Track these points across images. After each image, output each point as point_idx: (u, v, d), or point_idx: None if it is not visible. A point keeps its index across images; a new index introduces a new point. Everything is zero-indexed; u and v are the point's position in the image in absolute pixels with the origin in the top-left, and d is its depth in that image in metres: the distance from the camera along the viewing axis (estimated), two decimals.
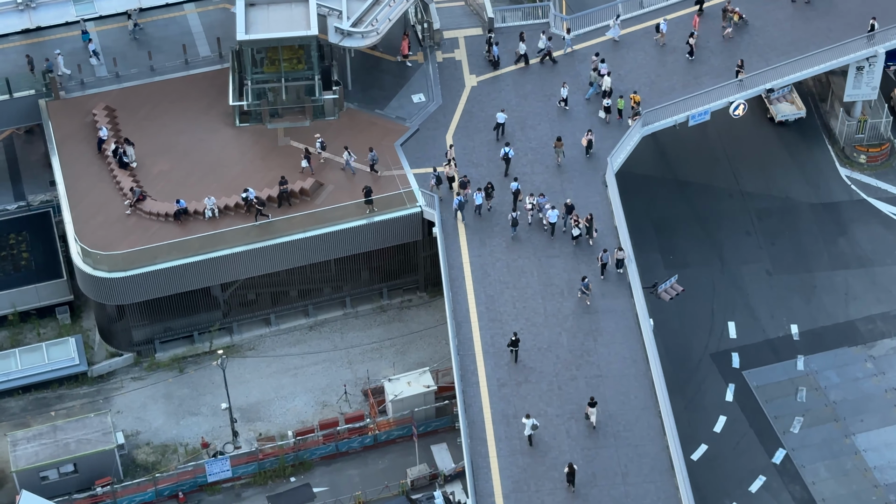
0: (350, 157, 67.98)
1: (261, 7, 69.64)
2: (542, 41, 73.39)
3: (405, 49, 73.31)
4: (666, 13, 75.84)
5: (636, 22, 76.02)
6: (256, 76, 69.83)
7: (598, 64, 71.73)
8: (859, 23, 73.68)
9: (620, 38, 74.45)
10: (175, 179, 68.18)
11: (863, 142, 75.37)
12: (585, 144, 67.11)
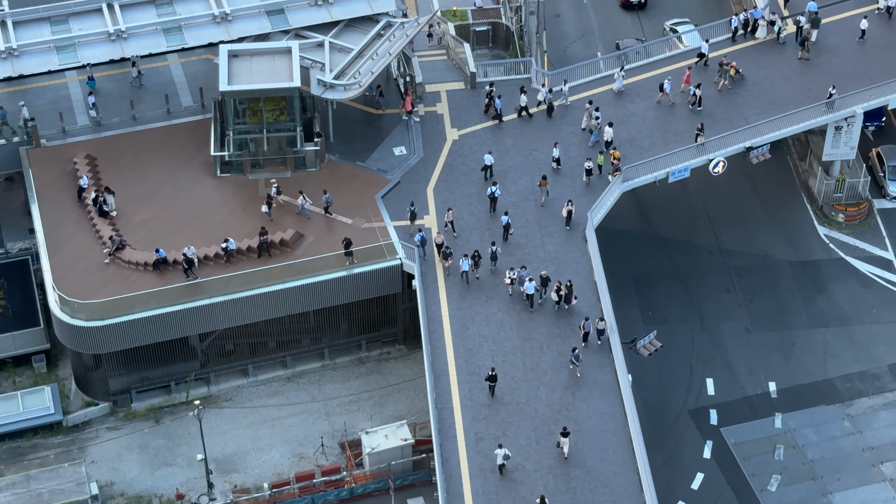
0: (305, 202, 68.10)
1: (244, 58, 69.89)
2: (541, 93, 73.76)
3: (408, 105, 73.56)
4: (662, 66, 76.39)
5: (642, 71, 76.44)
6: (238, 127, 69.95)
7: (591, 112, 72.22)
8: (840, 83, 74.34)
9: (624, 89, 74.79)
10: (155, 229, 68.06)
11: (841, 201, 75.79)
12: (565, 215, 67.12)
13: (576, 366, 60.97)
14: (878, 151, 76.87)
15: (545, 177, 68.91)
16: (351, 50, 71.27)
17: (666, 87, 73.53)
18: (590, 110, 72.50)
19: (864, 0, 79.78)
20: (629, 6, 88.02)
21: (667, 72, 75.83)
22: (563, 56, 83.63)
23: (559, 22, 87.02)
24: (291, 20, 72.46)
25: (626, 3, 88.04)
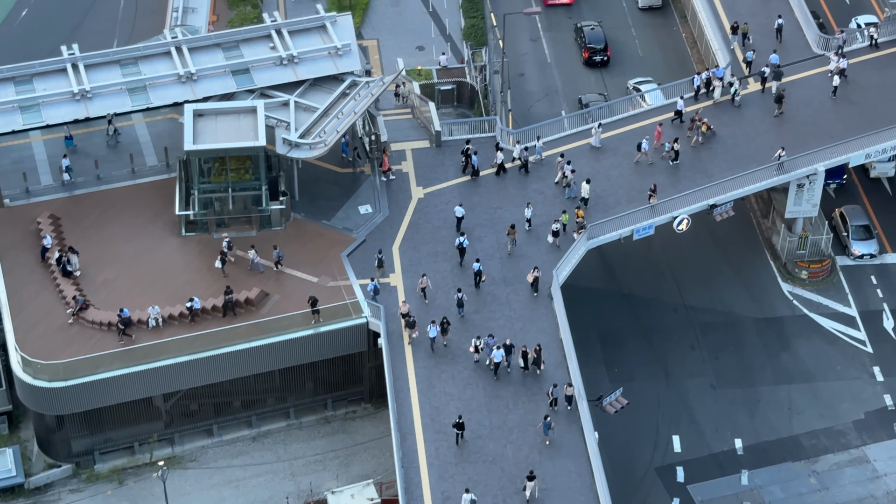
0: (255, 256, 68.01)
1: (209, 117, 69.94)
2: (516, 150, 74.11)
3: (386, 164, 73.70)
4: (630, 122, 76.90)
5: (615, 127, 76.90)
6: (203, 186, 69.88)
7: (563, 165, 72.65)
8: (803, 142, 75.05)
9: (601, 145, 75.24)
10: (119, 288, 67.72)
11: (804, 258, 76.25)
12: (531, 282, 67.22)
13: (546, 435, 60.69)
14: (841, 212, 77.43)
15: (513, 226, 69.27)
16: (316, 109, 71.47)
17: (644, 146, 73.99)
18: (561, 163, 72.97)
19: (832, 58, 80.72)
20: (592, 63, 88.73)
21: (638, 128, 76.26)
22: (528, 114, 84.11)
23: (523, 81, 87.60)
24: (257, 80, 72.64)
25: (589, 61, 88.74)
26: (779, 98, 77.06)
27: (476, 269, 67.41)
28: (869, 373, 71.14)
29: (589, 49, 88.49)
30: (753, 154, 74.50)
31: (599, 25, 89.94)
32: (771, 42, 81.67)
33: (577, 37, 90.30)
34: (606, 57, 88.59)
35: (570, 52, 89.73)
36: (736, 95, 77.22)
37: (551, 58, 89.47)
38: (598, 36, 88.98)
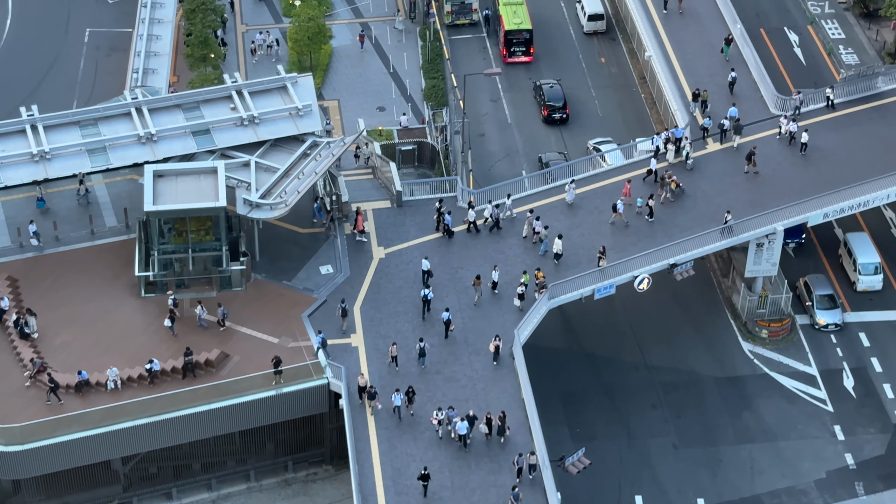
0: (201, 312, 67.74)
1: (169, 178, 69.75)
2: (488, 209, 74.26)
3: (360, 225, 73.64)
4: (596, 181, 77.34)
5: (587, 183, 77.36)
6: (163, 247, 69.58)
7: (532, 221, 72.93)
8: (762, 201, 75.57)
9: (575, 201, 75.56)
10: (78, 350, 67.14)
11: (764, 317, 76.52)
12: (493, 350, 67.02)
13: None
14: (805, 281, 77.50)
15: (478, 276, 69.57)
16: (277, 169, 71.44)
17: (619, 207, 74.30)
18: (530, 219, 73.20)
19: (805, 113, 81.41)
20: (551, 121, 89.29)
21: (608, 184, 76.67)
22: (489, 174, 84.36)
23: (484, 141, 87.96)
24: (217, 140, 72.58)
25: (549, 118, 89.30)
26: (749, 156, 77.70)
27: (445, 319, 67.47)
28: (830, 432, 71.28)
29: (548, 107, 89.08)
30: (713, 213, 74.85)
31: (558, 83, 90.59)
32: (729, 101, 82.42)
33: (536, 95, 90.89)
34: (565, 114, 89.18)
35: (530, 112, 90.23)
36: (688, 158, 77.62)
37: (511, 118, 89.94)
38: (556, 94, 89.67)
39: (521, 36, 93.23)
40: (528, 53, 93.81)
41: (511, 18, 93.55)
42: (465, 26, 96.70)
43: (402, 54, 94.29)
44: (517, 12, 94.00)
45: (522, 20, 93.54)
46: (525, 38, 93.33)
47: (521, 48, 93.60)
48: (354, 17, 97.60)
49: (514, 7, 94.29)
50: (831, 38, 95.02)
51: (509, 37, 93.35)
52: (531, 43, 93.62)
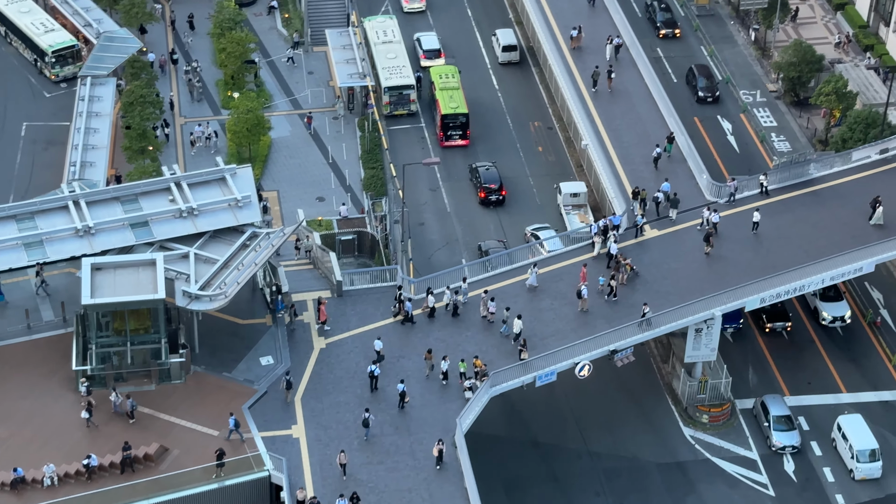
0: (117, 399, 67.46)
1: (107, 271, 69.31)
2: (447, 295, 74.50)
3: (323, 315, 73.40)
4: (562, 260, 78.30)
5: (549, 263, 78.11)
6: (101, 340, 68.95)
7: (487, 301, 73.28)
8: (698, 286, 76.21)
9: (538, 285, 75.98)
10: (14, 447, 66.10)
11: (704, 402, 76.78)
12: (436, 455, 66.37)
13: None
14: (762, 401, 76.85)
15: (430, 350, 70.19)
16: (216, 261, 71.23)
17: (584, 293, 74.72)
18: (485, 300, 73.59)
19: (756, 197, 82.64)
20: (488, 203, 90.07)
21: (564, 267, 77.42)
22: (429, 263, 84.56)
23: (424, 230, 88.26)
24: (156, 232, 72.34)
25: (485, 200, 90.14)
26: (707, 237, 78.54)
27: (401, 391, 67.64)
28: None
29: (484, 189, 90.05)
30: (650, 300, 75.33)
31: (494, 166, 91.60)
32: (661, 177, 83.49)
33: (473, 177, 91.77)
34: (501, 196, 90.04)
35: (469, 200, 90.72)
36: (612, 249, 78.33)
37: (451, 206, 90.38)
38: (493, 176, 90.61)
39: (457, 120, 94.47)
40: (464, 137, 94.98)
41: (447, 103, 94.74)
42: (403, 116, 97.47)
43: (341, 145, 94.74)
44: (453, 97, 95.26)
45: (459, 104, 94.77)
46: (461, 122, 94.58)
47: (458, 132, 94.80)
48: (293, 108, 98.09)
49: (451, 92, 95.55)
50: (764, 125, 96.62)
51: (446, 121, 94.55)
52: (467, 126, 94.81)
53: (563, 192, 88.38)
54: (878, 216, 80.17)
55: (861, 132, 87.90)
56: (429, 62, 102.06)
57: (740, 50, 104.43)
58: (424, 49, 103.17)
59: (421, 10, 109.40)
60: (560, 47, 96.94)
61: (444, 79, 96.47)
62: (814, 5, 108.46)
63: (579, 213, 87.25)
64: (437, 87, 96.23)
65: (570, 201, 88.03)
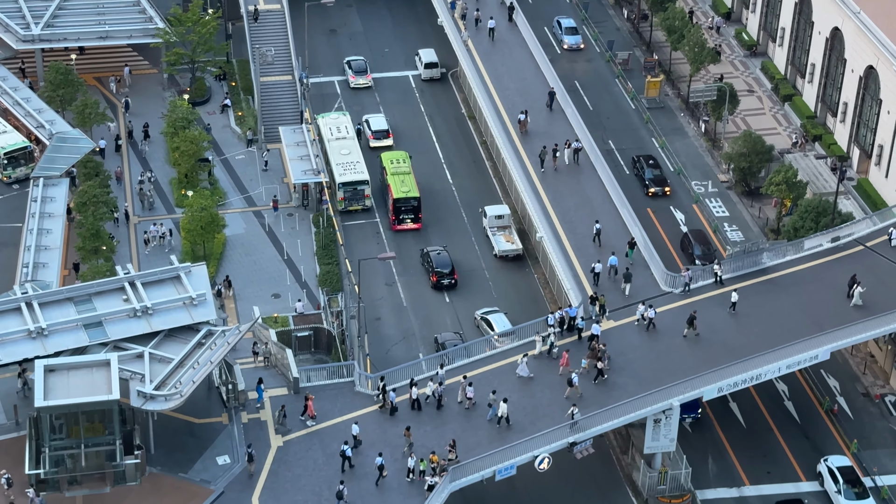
0: (34, 497, 66.55)
1: (60, 372, 68.56)
2: (429, 387, 74.36)
3: (311, 411, 72.80)
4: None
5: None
6: (55, 443, 67.97)
7: (465, 387, 73.41)
8: (654, 377, 76.21)
9: (532, 375, 76.20)
10: None
11: (665, 493, 76.44)
12: None
13: None
14: None
15: (409, 427, 70.83)
16: (171, 360, 70.65)
17: (574, 380, 74.73)
18: (464, 385, 73.68)
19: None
20: (440, 287, 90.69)
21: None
22: (386, 358, 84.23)
23: (380, 325, 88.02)
24: (110, 332, 71.73)
25: (437, 284, 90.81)
26: (690, 320, 79.09)
27: (379, 464, 68.02)
28: None
29: (436, 273, 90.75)
30: (610, 390, 75.28)
31: (445, 250, 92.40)
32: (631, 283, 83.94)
33: (424, 262, 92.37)
34: (453, 280, 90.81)
35: (425, 294, 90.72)
36: (552, 347, 78.28)
37: (407, 301, 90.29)
38: (444, 260, 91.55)
39: (409, 204, 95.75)
40: (416, 220, 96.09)
41: (399, 187, 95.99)
42: (358, 212, 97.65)
43: (296, 241, 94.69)
44: (405, 181, 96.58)
45: (410, 188, 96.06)
46: (413, 206, 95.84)
47: (410, 215, 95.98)
48: (247, 205, 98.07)
49: (402, 176, 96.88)
50: (716, 215, 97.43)
51: (398, 204, 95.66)
52: (419, 210, 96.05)
53: (489, 215, 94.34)
54: (858, 297, 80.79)
55: (812, 221, 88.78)
56: (377, 143, 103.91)
57: (691, 141, 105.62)
58: (373, 130, 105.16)
59: (367, 86, 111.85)
60: (515, 146, 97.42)
61: (395, 164, 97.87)
62: (762, 97, 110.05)
63: (504, 233, 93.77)
64: (388, 172, 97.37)
65: (495, 223, 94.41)
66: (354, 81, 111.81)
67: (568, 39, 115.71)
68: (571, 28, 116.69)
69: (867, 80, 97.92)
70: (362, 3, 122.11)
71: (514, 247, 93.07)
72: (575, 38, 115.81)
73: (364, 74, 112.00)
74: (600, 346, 77.04)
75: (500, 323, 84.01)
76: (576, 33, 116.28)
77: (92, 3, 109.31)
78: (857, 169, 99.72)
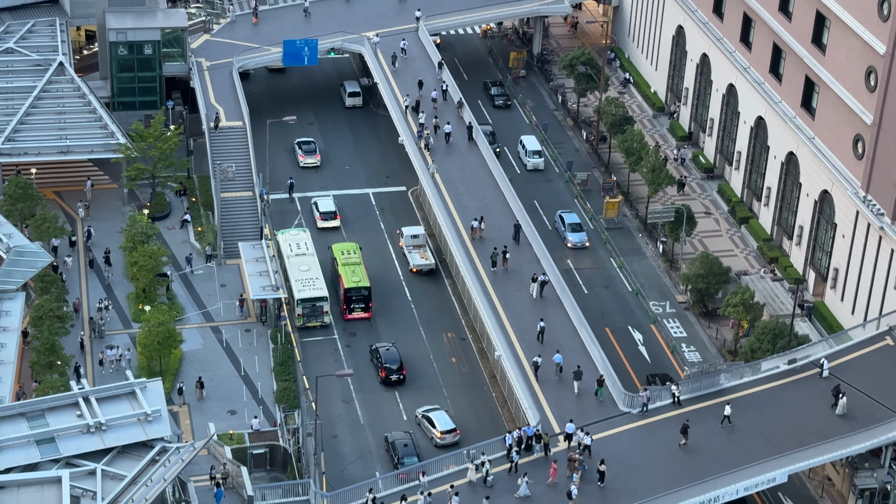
0: None
1: (10, 490, 67.34)
2: (420, 500, 74.14)
3: None
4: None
5: None
6: None
7: (452, 496, 73.80)
8: (613, 499, 75.71)
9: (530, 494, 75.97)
10: None
11: None
12: None
13: None
14: None
15: (404, 496, 71.23)
16: (124, 477, 69.64)
17: (574, 493, 74.90)
18: (450, 494, 74.44)
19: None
20: (389, 382, 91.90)
21: None
22: (342, 476, 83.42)
23: (336, 443, 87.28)
24: (62, 448, 70.69)
25: (386, 380, 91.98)
26: (684, 429, 79.48)
27: None
28: None
29: (385, 369, 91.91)
30: None
31: (394, 346, 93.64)
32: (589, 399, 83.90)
33: (374, 357, 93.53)
34: (402, 376, 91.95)
35: (384, 411, 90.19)
36: (488, 475, 77.78)
37: (364, 418, 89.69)
38: (393, 356, 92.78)
39: (360, 293, 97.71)
40: (367, 310, 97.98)
41: (350, 277, 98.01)
42: (316, 328, 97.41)
43: (254, 357, 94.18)
44: (356, 271, 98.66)
45: (361, 278, 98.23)
46: (364, 295, 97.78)
47: (361, 304, 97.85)
48: (205, 320, 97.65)
49: (353, 266, 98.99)
50: (674, 336, 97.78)
51: (349, 294, 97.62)
52: (370, 299, 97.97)
53: (405, 235, 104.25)
54: (842, 406, 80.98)
55: (769, 342, 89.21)
56: (325, 223, 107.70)
57: (649, 262, 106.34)
58: (321, 211, 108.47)
59: (315, 165, 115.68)
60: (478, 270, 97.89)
61: (346, 255, 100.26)
62: (719, 219, 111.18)
63: (420, 251, 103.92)
64: (339, 263, 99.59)
65: (411, 242, 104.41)
66: (304, 161, 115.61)
67: (572, 237, 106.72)
68: (575, 224, 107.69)
69: (822, 204, 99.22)
70: (323, 120, 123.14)
71: (427, 262, 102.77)
72: (580, 236, 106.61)
73: (313, 154, 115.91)
74: (578, 457, 77.07)
75: (442, 421, 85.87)
76: (580, 230, 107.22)
77: (53, 117, 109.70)
78: (812, 292, 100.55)
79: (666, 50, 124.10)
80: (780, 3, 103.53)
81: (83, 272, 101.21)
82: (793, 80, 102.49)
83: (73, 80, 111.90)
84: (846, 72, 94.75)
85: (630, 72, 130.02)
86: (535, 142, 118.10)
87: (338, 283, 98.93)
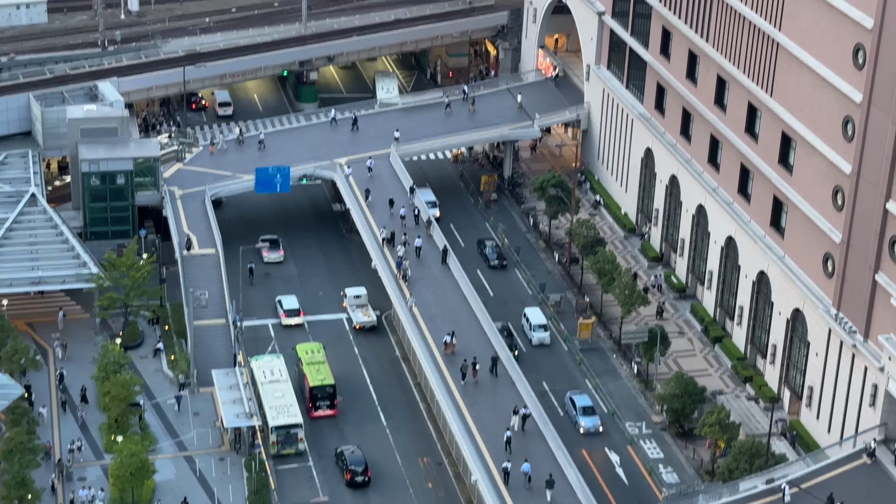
0: None
1: None
2: None
3: None
4: None
5: None
6: None
7: None
8: None
9: None
10: None
11: None
12: None
13: None
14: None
15: None
16: None
17: None
18: None
19: None
20: (354, 484, 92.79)
21: None
22: None
23: None
24: None
25: (352, 482, 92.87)
26: None
27: None
28: None
29: (350, 471, 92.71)
30: None
31: (359, 448, 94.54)
32: None
33: (339, 460, 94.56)
34: (367, 478, 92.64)
35: (340, 492, 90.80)
36: None
37: None
38: (358, 458, 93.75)
39: (325, 391, 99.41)
40: (332, 406, 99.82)
41: (315, 375, 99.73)
42: (291, 456, 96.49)
43: (228, 486, 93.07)
44: (320, 370, 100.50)
45: (325, 376, 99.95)
46: (329, 393, 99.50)
47: (326, 402, 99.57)
48: (178, 450, 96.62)
49: (317, 365, 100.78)
50: (651, 457, 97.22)
51: (314, 392, 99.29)
52: (335, 396, 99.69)
53: (349, 295, 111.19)
54: None
55: (746, 462, 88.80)
56: (289, 321, 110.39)
57: (624, 383, 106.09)
58: (285, 309, 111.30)
59: (279, 261, 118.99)
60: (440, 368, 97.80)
61: (310, 354, 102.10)
62: (692, 339, 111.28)
63: (362, 309, 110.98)
64: (304, 363, 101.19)
65: (354, 301, 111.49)
66: (267, 257, 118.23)
67: (585, 422, 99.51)
68: (588, 408, 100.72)
69: (794, 323, 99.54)
70: (296, 246, 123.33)
71: (369, 319, 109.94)
72: (592, 421, 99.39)
73: (277, 250, 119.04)
74: None
75: None
76: (593, 413, 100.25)
77: (25, 248, 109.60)
78: (788, 410, 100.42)
79: (635, 172, 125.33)
80: (746, 124, 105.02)
81: (56, 414, 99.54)
82: (761, 199, 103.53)
83: (45, 211, 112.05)
84: (813, 191, 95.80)
85: (600, 194, 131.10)
86: (541, 314, 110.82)
87: (303, 382, 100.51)
